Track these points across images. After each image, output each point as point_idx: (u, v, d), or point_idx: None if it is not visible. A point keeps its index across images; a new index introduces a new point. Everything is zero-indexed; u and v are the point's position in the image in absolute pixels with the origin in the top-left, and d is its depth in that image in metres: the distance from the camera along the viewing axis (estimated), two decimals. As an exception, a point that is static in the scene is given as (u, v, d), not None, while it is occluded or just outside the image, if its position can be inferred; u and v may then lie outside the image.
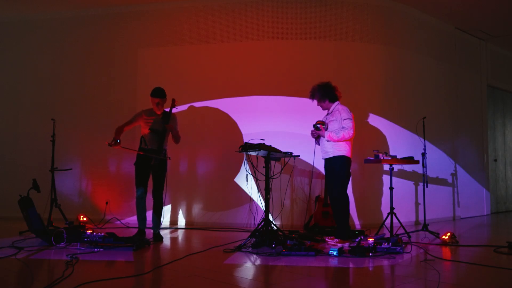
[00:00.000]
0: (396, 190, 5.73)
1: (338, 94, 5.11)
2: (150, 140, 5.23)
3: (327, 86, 5.07)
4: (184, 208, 6.74)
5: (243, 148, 4.82)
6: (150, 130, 5.23)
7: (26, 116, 7.54)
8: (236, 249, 4.56)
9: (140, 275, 3.56)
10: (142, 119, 5.33)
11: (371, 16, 6.82)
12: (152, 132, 5.23)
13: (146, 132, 5.27)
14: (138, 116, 5.37)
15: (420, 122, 5.90)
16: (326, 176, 5.12)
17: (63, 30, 7.53)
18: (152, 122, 5.26)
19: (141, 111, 5.41)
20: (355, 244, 4.54)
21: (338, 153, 4.90)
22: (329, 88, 5.07)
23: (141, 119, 5.34)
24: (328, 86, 5.07)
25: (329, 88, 5.06)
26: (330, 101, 5.09)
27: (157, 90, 5.32)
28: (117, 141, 5.09)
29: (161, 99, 5.30)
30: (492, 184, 8.66)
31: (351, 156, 5.00)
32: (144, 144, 5.27)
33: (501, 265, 3.96)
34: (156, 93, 5.31)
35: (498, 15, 7.41)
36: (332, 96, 5.07)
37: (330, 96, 5.07)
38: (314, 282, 3.49)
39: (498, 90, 9.13)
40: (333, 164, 4.94)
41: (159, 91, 5.32)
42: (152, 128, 5.23)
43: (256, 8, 6.78)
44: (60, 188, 6.62)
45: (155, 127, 5.24)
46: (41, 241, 4.84)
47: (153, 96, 5.31)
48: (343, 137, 4.85)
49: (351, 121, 4.91)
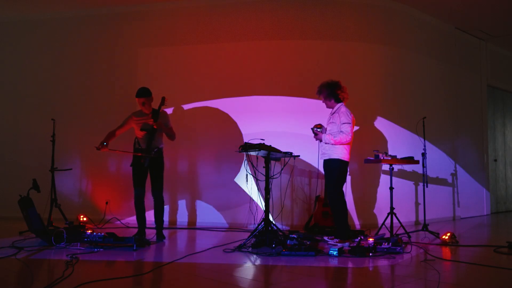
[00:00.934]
0: (396, 190, 5.73)
1: (345, 95, 5.12)
2: (143, 140, 5.23)
3: (335, 85, 5.09)
4: (184, 208, 6.74)
5: (243, 148, 4.82)
6: (141, 130, 5.23)
7: (26, 116, 7.53)
8: (236, 249, 4.56)
9: (140, 275, 3.56)
10: (133, 121, 5.33)
11: (371, 16, 6.82)
12: (144, 132, 5.23)
13: (138, 133, 5.28)
14: (129, 118, 5.38)
15: (420, 122, 5.90)
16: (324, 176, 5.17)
17: (63, 30, 7.53)
18: (142, 122, 5.26)
19: (131, 114, 5.43)
20: (355, 244, 4.54)
21: (334, 156, 4.94)
22: (337, 88, 5.08)
23: (131, 121, 5.35)
24: (337, 86, 5.09)
25: (337, 88, 5.08)
26: (335, 101, 5.11)
27: (140, 90, 5.28)
28: (104, 144, 5.09)
29: (146, 98, 5.26)
30: (492, 184, 8.66)
31: (348, 159, 5.01)
32: (138, 145, 5.29)
33: (501, 265, 3.96)
34: (140, 93, 5.26)
35: (498, 15, 7.41)
36: (338, 97, 5.09)
37: (336, 97, 5.09)
38: (314, 282, 3.49)
39: (498, 90, 9.13)
40: (328, 166, 5.00)
41: (141, 91, 5.27)
42: (142, 128, 5.22)
43: (256, 8, 6.78)
44: (60, 188, 6.62)
45: (145, 126, 5.22)
46: (41, 241, 4.84)
47: (137, 96, 5.27)
48: (340, 141, 4.90)
49: (349, 125, 4.93)
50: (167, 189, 6.74)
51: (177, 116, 6.79)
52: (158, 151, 5.22)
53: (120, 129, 5.37)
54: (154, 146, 5.20)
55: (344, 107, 5.07)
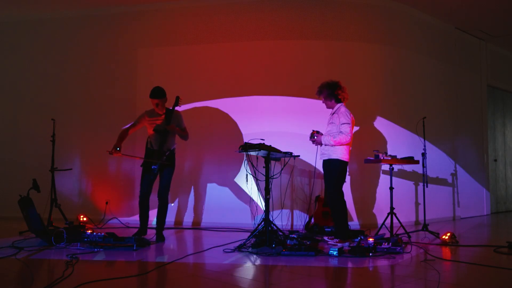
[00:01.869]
0: (396, 190, 5.73)
1: (345, 95, 5.12)
2: (155, 141, 5.18)
3: (335, 86, 5.08)
4: (183, 208, 6.74)
5: (243, 148, 4.82)
6: (154, 131, 5.19)
7: (26, 116, 7.54)
8: (236, 249, 4.56)
9: (140, 275, 3.56)
10: (146, 121, 5.28)
11: (371, 16, 6.82)
12: (156, 133, 5.18)
13: (151, 133, 5.23)
14: (141, 118, 5.33)
15: (420, 122, 5.90)
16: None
17: (63, 30, 7.52)
18: (155, 123, 5.21)
19: (144, 113, 5.36)
20: (355, 244, 4.54)
21: (334, 156, 4.94)
22: (337, 88, 5.08)
23: (144, 120, 5.30)
24: (337, 87, 5.08)
25: (337, 89, 5.07)
26: (335, 102, 5.11)
27: (155, 91, 5.17)
28: (117, 148, 5.06)
29: (160, 100, 5.16)
30: (492, 184, 8.66)
31: (347, 160, 5.01)
32: (150, 145, 5.24)
33: (501, 265, 3.96)
34: (154, 94, 5.16)
35: (498, 15, 7.41)
36: (338, 97, 5.09)
37: (336, 97, 5.09)
38: (314, 282, 3.49)
39: (498, 90, 9.13)
40: (328, 166, 5.00)
41: (156, 91, 5.17)
42: (155, 129, 5.18)
43: (256, 8, 6.78)
44: (60, 188, 6.62)
45: (158, 128, 5.17)
46: (41, 241, 4.84)
47: (151, 97, 5.17)
48: (339, 142, 4.90)
49: (349, 126, 4.93)
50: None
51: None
52: (170, 154, 5.16)
53: (132, 128, 5.33)
54: (166, 148, 5.15)
55: (343, 107, 5.07)
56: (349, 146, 5.03)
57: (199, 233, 5.92)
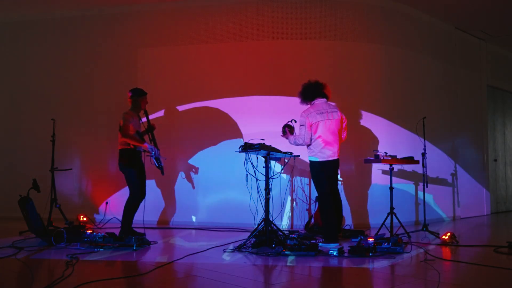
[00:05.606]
0: (396, 190, 5.73)
1: (326, 92, 5.07)
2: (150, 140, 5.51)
3: (305, 87, 5.10)
4: (183, 208, 6.73)
5: (243, 148, 4.82)
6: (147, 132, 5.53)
7: (26, 116, 7.53)
8: (236, 249, 4.56)
9: (140, 275, 3.56)
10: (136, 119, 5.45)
11: (371, 16, 6.82)
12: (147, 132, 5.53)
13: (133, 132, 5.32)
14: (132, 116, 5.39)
15: (420, 122, 5.90)
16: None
17: (62, 30, 7.52)
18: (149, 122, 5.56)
19: (133, 113, 5.38)
20: (355, 244, 4.53)
21: (311, 158, 5.02)
22: (308, 88, 5.08)
23: (136, 118, 5.46)
24: (307, 87, 5.09)
25: (308, 88, 5.08)
26: (305, 101, 5.12)
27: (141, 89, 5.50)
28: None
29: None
30: (492, 184, 8.65)
31: (325, 159, 4.93)
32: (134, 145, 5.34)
33: (501, 265, 3.96)
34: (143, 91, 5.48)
35: (498, 15, 7.41)
36: (307, 97, 5.08)
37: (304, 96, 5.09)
38: (314, 282, 3.49)
39: (498, 90, 9.13)
40: (310, 167, 5.08)
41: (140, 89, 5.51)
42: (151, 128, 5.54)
43: (256, 8, 6.78)
44: (60, 188, 6.61)
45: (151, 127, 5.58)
46: (41, 241, 4.84)
47: (145, 94, 5.46)
48: (296, 144, 4.98)
49: (304, 127, 4.92)
50: (167, 188, 6.76)
51: (177, 116, 6.79)
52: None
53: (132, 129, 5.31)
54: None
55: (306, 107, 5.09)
56: (325, 145, 4.92)
57: (199, 233, 5.92)
